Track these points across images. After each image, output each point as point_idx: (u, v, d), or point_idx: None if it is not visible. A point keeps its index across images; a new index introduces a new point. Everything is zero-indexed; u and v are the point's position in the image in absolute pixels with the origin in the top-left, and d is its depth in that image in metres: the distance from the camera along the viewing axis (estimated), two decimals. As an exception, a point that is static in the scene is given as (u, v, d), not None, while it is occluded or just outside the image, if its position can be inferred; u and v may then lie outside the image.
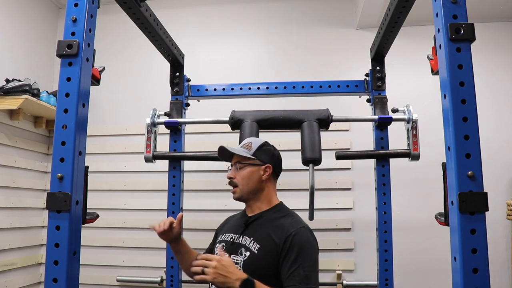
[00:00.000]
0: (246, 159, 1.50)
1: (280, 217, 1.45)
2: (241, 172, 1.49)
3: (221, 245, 1.48)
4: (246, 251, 1.40)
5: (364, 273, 2.65)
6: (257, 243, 1.39)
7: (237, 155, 1.51)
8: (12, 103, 2.46)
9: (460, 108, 0.95)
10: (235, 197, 1.51)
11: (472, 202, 0.91)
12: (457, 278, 0.91)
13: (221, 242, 1.51)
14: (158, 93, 2.72)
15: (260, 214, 1.49)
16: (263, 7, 3.08)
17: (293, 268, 1.30)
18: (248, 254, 1.39)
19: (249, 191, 1.49)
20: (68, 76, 1.07)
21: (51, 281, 0.98)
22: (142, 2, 1.60)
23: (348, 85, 2.23)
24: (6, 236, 2.60)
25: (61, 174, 1.01)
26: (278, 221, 1.43)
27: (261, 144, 1.54)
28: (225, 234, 1.53)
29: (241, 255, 1.40)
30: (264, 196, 1.51)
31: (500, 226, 2.59)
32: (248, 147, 1.52)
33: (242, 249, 1.41)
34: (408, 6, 1.59)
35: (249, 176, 1.48)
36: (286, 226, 1.39)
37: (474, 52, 0.98)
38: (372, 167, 2.19)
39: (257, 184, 1.49)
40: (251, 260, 1.37)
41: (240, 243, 1.43)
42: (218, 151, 1.55)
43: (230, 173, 1.52)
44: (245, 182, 1.48)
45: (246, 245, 1.41)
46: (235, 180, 1.49)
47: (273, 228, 1.40)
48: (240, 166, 1.50)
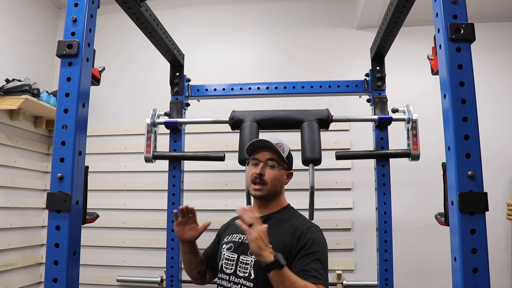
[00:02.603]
0: (282, 161, 1.48)
1: (290, 219, 1.45)
2: (273, 171, 1.45)
3: (229, 246, 1.46)
4: None
5: (364, 273, 2.65)
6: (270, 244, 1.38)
7: (276, 153, 1.47)
8: (12, 103, 2.46)
9: (460, 108, 0.95)
10: (260, 194, 1.45)
11: (472, 202, 0.90)
12: (457, 278, 0.91)
13: (228, 243, 1.48)
14: (158, 93, 2.72)
15: (270, 215, 1.48)
16: (263, 7, 3.08)
17: (307, 261, 1.30)
18: None
19: (273, 193, 1.47)
20: (68, 76, 1.07)
21: (51, 281, 0.98)
22: (142, 2, 1.60)
23: (348, 85, 2.23)
24: (6, 236, 2.60)
25: (61, 174, 1.01)
26: (289, 223, 1.42)
27: (289, 149, 1.53)
28: (232, 235, 1.50)
29: (251, 255, 1.37)
30: (278, 200, 1.51)
31: (500, 226, 2.59)
32: (281, 148, 1.49)
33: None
34: (408, 6, 1.59)
35: (279, 178, 1.47)
36: (298, 225, 1.40)
37: (474, 52, 0.98)
38: (372, 167, 2.19)
39: (280, 188, 1.49)
40: None
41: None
42: (255, 142, 1.49)
43: (261, 168, 1.45)
44: (274, 183, 1.45)
45: None
46: (265, 177, 1.44)
47: (284, 229, 1.39)
48: (273, 164, 1.46)
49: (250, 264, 1.36)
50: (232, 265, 1.41)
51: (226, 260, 1.43)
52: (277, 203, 1.50)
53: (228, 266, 1.42)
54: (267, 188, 1.44)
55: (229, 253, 1.44)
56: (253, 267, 1.35)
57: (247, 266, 1.36)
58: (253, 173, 1.46)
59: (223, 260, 1.45)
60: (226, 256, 1.44)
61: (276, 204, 1.50)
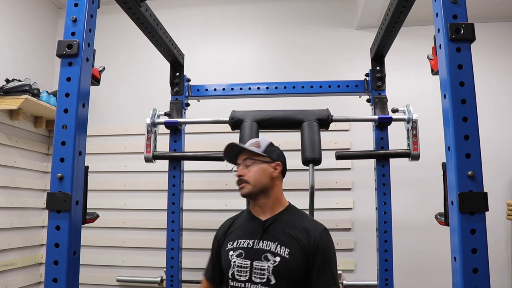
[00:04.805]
0: (258, 156, 1.47)
1: (298, 219, 1.45)
2: (252, 168, 1.45)
3: (238, 253, 1.42)
4: (274, 256, 1.36)
5: (364, 273, 2.65)
6: (285, 247, 1.36)
7: (248, 151, 1.48)
8: (12, 103, 2.46)
9: (460, 108, 0.95)
10: (243, 192, 1.45)
11: (472, 202, 0.91)
12: (457, 278, 0.91)
13: (236, 249, 1.44)
14: (158, 93, 2.72)
15: (275, 217, 1.45)
16: (263, 7, 3.08)
17: (323, 272, 1.34)
18: (279, 259, 1.35)
19: (261, 188, 1.45)
20: (68, 76, 1.07)
21: (51, 281, 0.98)
22: (142, 2, 1.60)
23: (348, 85, 2.23)
24: (6, 236, 2.60)
25: (61, 174, 1.01)
26: (299, 223, 1.42)
27: (270, 143, 1.52)
28: (239, 241, 1.45)
29: (268, 260, 1.35)
30: (274, 195, 1.48)
31: (500, 226, 2.59)
32: (257, 145, 1.50)
33: (267, 255, 1.36)
34: (408, 6, 1.59)
35: (262, 172, 1.45)
36: (310, 228, 1.40)
37: (474, 52, 0.98)
38: (372, 167, 2.19)
39: (269, 181, 1.46)
40: (283, 266, 1.34)
41: (262, 248, 1.38)
42: (226, 148, 1.50)
43: (239, 170, 1.47)
44: (257, 178, 1.44)
45: (272, 250, 1.37)
46: (245, 177, 1.45)
47: (298, 231, 1.39)
48: (250, 162, 1.46)
49: (268, 270, 1.34)
50: (246, 271, 1.38)
51: (238, 268, 1.40)
52: (278, 203, 1.48)
53: (242, 273, 1.39)
54: (250, 185, 1.44)
55: (241, 260, 1.40)
56: (273, 272, 1.34)
57: (264, 272, 1.35)
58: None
59: (234, 268, 1.40)
60: (238, 263, 1.40)
61: (278, 205, 1.48)
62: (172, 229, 2.10)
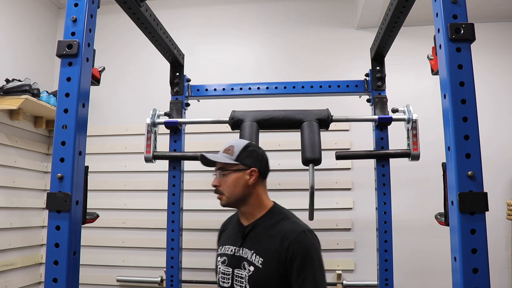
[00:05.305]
0: (229, 166, 1.39)
1: (277, 223, 1.38)
2: (226, 179, 1.39)
3: (223, 259, 1.42)
4: (249, 266, 1.33)
5: (364, 273, 2.65)
6: (259, 257, 1.33)
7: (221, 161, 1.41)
8: (12, 103, 2.46)
9: (460, 108, 0.95)
10: (221, 203, 1.41)
11: (472, 202, 0.90)
12: (457, 278, 0.91)
13: (222, 255, 1.44)
14: (158, 93, 2.72)
15: (255, 222, 1.40)
16: (263, 7, 3.08)
17: (302, 277, 1.26)
18: (252, 269, 1.32)
19: (236, 198, 1.39)
20: (68, 76, 1.07)
21: (51, 281, 0.98)
22: (142, 2, 1.60)
23: (348, 85, 2.23)
24: (6, 236, 2.60)
25: (61, 174, 1.01)
26: (276, 228, 1.36)
27: (244, 147, 1.42)
28: (225, 246, 1.45)
29: (245, 269, 1.33)
30: (255, 201, 1.41)
31: (500, 226, 2.59)
32: (230, 151, 1.41)
33: (244, 263, 1.35)
34: (408, 6, 1.59)
35: (235, 183, 1.38)
36: (285, 232, 1.33)
37: (474, 52, 0.98)
38: (372, 167, 2.19)
39: (244, 190, 1.39)
40: (257, 275, 1.31)
41: (241, 256, 1.37)
42: (201, 160, 1.44)
43: (214, 180, 1.41)
44: (231, 190, 1.38)
45: (248, 259, 1.34)
46: (220, 188, 1.40)
47: (272, 237, 1.34)
48: (223, 173, 1.39)
49: (245, 278, 1.32)
50: (228, 279, 1.38)
51: (222, 275, 1.40)
52: (256, 206, 1.42)
53: (225, 280, 1.39)
54: (226, 196, 1.40)
55: (224, 267, 1.40)
56: (248, 282, 1.32)
57: (243, 280, 1.33)
58: None
59: (219, 274, 1.42)
60: (222, 270, 1.41)
61: (256, 208, 1.42)
62: (172, 229, 2.10)
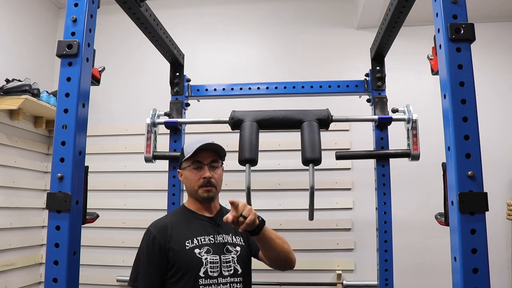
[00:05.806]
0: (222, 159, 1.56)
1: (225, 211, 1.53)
2: (218, 171, 1.52)
3: (206, 249, 1.43)
4: (234, 247, 1.47)
5: (364, 273, 2.65)
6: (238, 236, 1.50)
7: (217, 153, 1.52)
8: (12, 103, 2.46)
9: (460, 108, 0.95)
10: (210, 195, 1.49)
11: (472, 202, 0.90)
12: (457, 278, 0.91)
13: (201, 246, 1.43)
14: (158, 93, 2.71)
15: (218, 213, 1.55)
16: (263, 7, 3.08)
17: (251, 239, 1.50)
18: (239, 248, 1.47)
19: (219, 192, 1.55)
20: (68, 76, 1.07)
21: (51, 281, 0.97)
22: (142, 2, 1.60)
23: (348, 85, 2.23)
24: (6, 236, 2.60)
25: (61, 174, 1.01)
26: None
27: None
28: (198, 238, 1.44)
29: (231, 252, 1.45)
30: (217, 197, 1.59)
31: (500, 226, 2.59)
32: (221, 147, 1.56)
33: (228, 247, 1.46)
34: (408, 6, 1.58)
35: (221, 177, 1.55)
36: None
37: (474, 52, 0.98)
38: (372, 167, 2.19)
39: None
40: (244, 252, 1.48)
41: (222, 242, 1.47)
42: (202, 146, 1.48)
43: (208, 172, 1.49)
44: (220, 183, 1.55)
45: (230, 242, 1.48)
46: (213, 180, 1.50)
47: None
48: (217, 165, 1.52)
49: (233, 261, 1.43)
50: (217, 267, 1.42)
51: (211, 264, 1.41)
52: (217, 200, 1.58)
53: (214, 269, 1.41)
54: (216, 190, 1.51)
55: (211, 256, 1.41)
56: (237, 262, 1.43)
57: (230, 264, 1.42)
58: (200, 177, 1.48)
59: (207, 265, 1.40)
60: (210, 260, 1.41)
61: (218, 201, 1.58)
62: (172, 229, 2.10)
